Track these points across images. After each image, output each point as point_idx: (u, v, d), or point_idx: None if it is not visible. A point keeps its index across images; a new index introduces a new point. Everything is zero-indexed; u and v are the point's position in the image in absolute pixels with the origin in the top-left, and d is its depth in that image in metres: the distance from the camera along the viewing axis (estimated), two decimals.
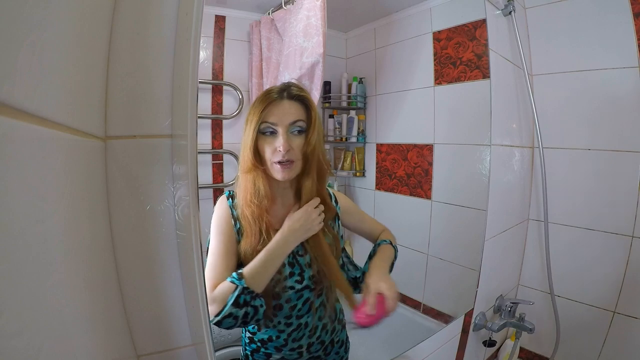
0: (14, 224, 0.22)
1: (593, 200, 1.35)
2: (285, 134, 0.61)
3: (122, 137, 0.45)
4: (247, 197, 0.63)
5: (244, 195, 0.63)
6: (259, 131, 0.62)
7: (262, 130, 0.62)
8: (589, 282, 1.37)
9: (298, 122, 0.63)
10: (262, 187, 0.62)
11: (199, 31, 0.42)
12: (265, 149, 0.62)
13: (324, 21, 0.89)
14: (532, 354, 1.56)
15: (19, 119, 0.23)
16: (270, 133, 0.62)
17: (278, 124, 0.61)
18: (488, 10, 1.15)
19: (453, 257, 1.26)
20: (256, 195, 0.62)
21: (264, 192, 0.62)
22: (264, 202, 0.62)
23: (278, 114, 0.62)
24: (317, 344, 0.70)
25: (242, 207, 0.64)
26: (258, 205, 0.62)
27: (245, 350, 0.72)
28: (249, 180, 0.63)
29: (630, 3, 1.19)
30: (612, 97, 1.27)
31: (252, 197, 0.62)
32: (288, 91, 0.64)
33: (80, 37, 0.35)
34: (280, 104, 0.62)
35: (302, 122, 0.63)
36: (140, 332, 0.49)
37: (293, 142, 0.62)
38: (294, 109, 0.63)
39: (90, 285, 0.36)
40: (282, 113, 0.62)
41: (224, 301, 0.55)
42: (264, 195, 0.62)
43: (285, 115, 0.62)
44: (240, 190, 0.64)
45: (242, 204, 0.64)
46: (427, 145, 1.26)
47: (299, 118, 0.63)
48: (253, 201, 0.62)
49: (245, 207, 0.63)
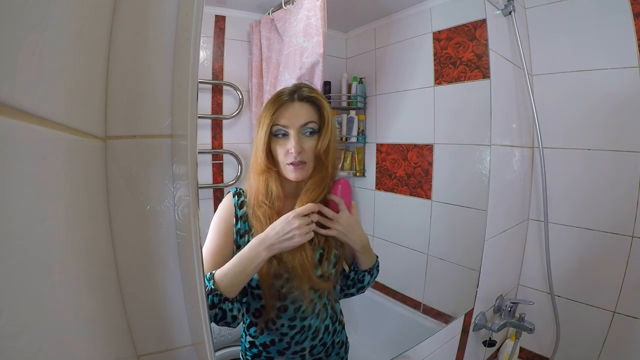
0: (14, 224, 0.22)
1: (593, 200, 1.35)
2: (296, 136, 0.61)
3: (122, 137, 0.45)
4: (260, 197, 0.63)
5: (255, 195, 0.64)
6: (272, 133, 0.63)
7: (274, 132, 0.63)
8: (589, 282, 1.37)
9: (309, 124, 0.63)
10: (274, 188, 0.63)
11: (199, 31, 0.42)
12: (278, 150, 0.63)
13: (324, 21, 0.89)
14: (532, 354, 1.56)
15: (19, 119, 0.23)
16: (282, 135, 0.62)
17: (289, 126, 0.62)
18: (488, 10, 1.15)
19: (453, 257, 1.26)
20: (268, 196, 0.63)
21: (276, 194, 0.63)
22: (276, 203, 0.63)
23: (289, 116, 0.62)
24: (319, 346, 0.70)
25: (253, 207, 0.64)
26: (270, 206, 0.63)
27: (246, 355, 0.70)
28: (262, 182, 0.64)
29: (630, 3, 1.19)
30: (612, 97, 1.27)
31: (264, 197, 0.63)
32: (299, 93, 0.64)
33: (80, 37, 0.35)
34: (291, 106, 0.63)
35: (313, 124, 0.63)
36: (140, 332, 0.49)
37: (305, 144, 0.62)
38: (304, 111, 0.63)
39: (90, 285, 0.36)
40: (293, 115, 0.62)
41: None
42: (276, 196, 0.63)
43: (296, 117, 0.62)
44: (252, 191, 0.65)
45: (253, 204, 0.64)
46: (427, 145, 1.26)
47: (310, 120, 0.63)
48: (265, 202, 0.63)
49: (257, 208, 0.63)
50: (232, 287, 0.57)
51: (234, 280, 0.56)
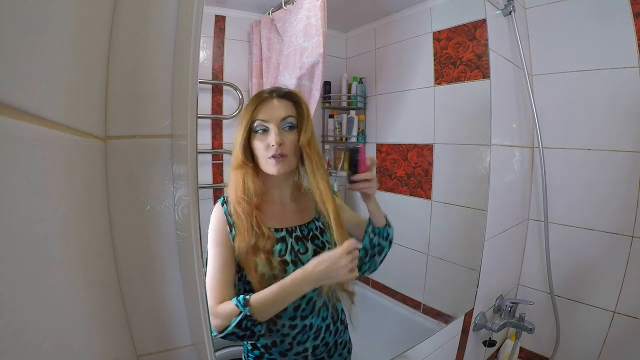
0: (14, 224, 0.22)
1: (593, 200, 1.35)
2: (276, 129, 0.63)
3: (122, 137, 0.45)
4: (238, 194, 0.64)
5: (234, 192, 0.65)
6: (252, 130, 0.65)
7: (255, 128, 0.65)
8: (589, 282, 1.37)
9: (288, 118, 0.65)
10: (251, 183, 0.64)
11: (199, 31, 0.42)
12: (258, 146, 0.64)
13: (324, 21, 0.89)
14: (532, 354, 1.56)
15: (19, 119, 0.23)
16: (262, 131, 0.64)
17: (269, 121, 0.64)
18: (488, 10, 1.15)
19: (453, 257, 1.26)
20: (246, 191, 0.64)
21: (253, 189, 0.64)
22: (254, 198, 0.64)
23: (268, 111, 0.64)
24: (321, 346, 0.70)
25: (233, 204, 0.64)
26: (248, 201, 0.63)
27: (248, 357, 0.71)
28: (239, 177, 0.65)
29: (630, 3, 1.18)
30: (612, 97, 1.27)
31: (242, 193, 0.64)
32: (277, 91, 0.67)
33: (81, 37, 0.35)
34: (270, 102, 0.65)
35: (292, 118, 0.66)
36: (140, 332, 0.49)
37: (285, 138, 0.64)
38: (283, 106, 0.66)
39: (90, 285, 0.36)
40: (272, 110, 0.65)
41: (226, 320, 0.57)
42: (253, 191, 0.64)
43: (275, 111, 0.64)
44: (232, 189, 0.66)
45: (233, 201, 0.64)
46: (427, 145, 1.26)
47: (289, 114, 0.65)
48: (243, 197, 0.63)
49: (236, 205, 0.64)
50: (267, 314, 0.59)
51: (271, 309, 0.59)
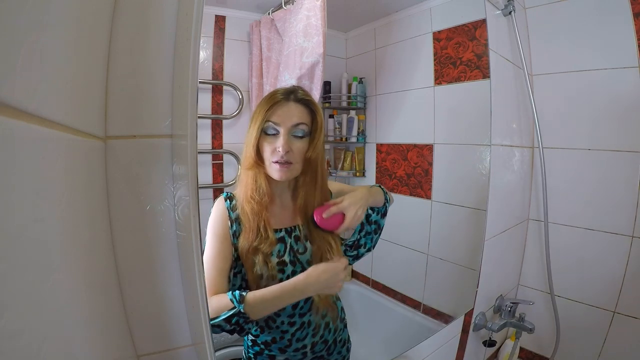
0: (14, 224, 0.22)
1: (593, 200, 1.35)
2: (286, 135, 0.62)
3: (122, 137, 0.45)
4: (248, 193, 0.63)
5: (244, 191, 0.64)
6: (263, 130, 0.63)
7: (265, 129, 0.63)
8: (589, 282, 1.37)
9: (301, 125, 0.63)
10: (263, 184, 0.63)
11: (199, 31, 0.42)
12: (265, 148, 0.63)
13: (324, 21, 0.89)
14: (532, 354, 1.56)
15: (19, 119, 0.23)
16: (272, 133, 0.63)
17: (280, 125, 0.62)
18: (488, 10, 1.15)
19: (453, 257, 1.26)
20: (257, 191, 0.63)
21: (265, 189, 0.63)
22: (265, 198, 0.63)
23: (282, 114, 0.62)
24: (320, 343, 0.70)
25: (242, 203, 0.64)
26: (258, 201, 0.63)
27: (248, 352, 0.71)
28: (250, 177, 0.64)
29: (630, 3, 1.19)
30: (612, 97, 1.27)
31: (253, 193, 0.63)
32: (295, 94, 0.64)
33: (80, 37, 0.35)
34: (286, 105, 0.63)
35: (304, 126, 0.63)
36: (140, 332, 0.49)
37: (293, 145, 0.62)
38: (298, 112, 0.63)
39: (90, 285, 0.36)
40: (285, 114, 0.62)
41: (216, 313, 0.56)
42: (265, 192, 0.63)
43: (288, 116, 0.62)
44: (242, 187, 0.65)
45: (242, 199, 0.64)
46: (427, 145, 1.26)
47: (302, 121, 0.63)
48: (254, 197, 0.63)
49: (245, 203, 0.63)
50: (261, 313, 0.59)
51: (268, 309, 0.60)
